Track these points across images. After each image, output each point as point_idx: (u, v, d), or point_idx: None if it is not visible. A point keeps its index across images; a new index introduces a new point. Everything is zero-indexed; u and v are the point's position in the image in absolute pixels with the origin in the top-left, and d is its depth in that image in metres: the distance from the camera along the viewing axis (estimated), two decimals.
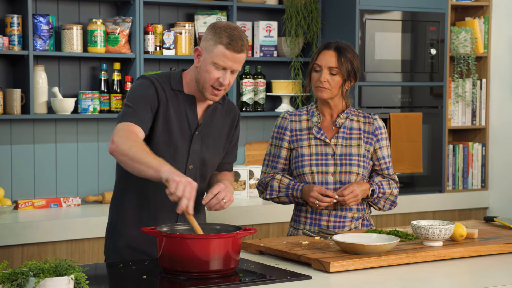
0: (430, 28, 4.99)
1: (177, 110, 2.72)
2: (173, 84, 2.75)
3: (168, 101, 2.72)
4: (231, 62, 2.65)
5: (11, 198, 4.29)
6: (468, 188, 5.26)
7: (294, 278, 2.43)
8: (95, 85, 4.49)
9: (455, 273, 2.61)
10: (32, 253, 3.85)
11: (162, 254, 2.44)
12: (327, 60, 3.08)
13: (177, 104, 2.73)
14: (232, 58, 2.65)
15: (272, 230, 4.48)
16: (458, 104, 5.23)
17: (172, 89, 2.74)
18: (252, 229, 2.50)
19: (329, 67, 3.07)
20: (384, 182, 3.17)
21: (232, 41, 2.63)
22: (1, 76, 4.27)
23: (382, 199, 3.19)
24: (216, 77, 2.66)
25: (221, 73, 2.66)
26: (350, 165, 3.11)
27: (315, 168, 3.11)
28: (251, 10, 4.91)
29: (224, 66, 2.65)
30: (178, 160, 2.73)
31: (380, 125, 3.21)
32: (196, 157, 2.76)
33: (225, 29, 2.65)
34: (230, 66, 2.66)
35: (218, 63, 2.64)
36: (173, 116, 2.71)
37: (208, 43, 2.66)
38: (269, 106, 5.02)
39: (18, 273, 2.10)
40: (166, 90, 2.72)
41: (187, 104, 2.74)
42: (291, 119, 3.18)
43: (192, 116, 2.75)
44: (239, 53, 2.65)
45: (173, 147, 2.72)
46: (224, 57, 2.64)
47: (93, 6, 4.48)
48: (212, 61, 2.65)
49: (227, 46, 2.63)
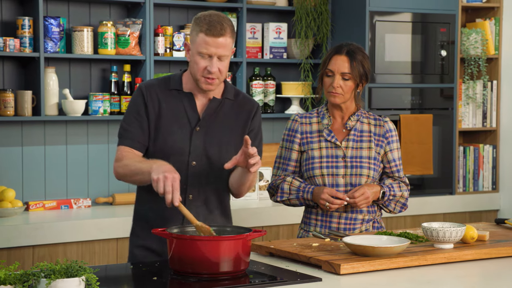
0: (441, 29, 4.98)
1: (173, 108, 2.74)
2: (172, 84, 2.79)
3: (161, 101, 2.74)
4: (213, 48, 2.64)
5: (22, 200, 4.31)
6: (479, 190, 5.24)
7: (304, 280, 2.43)
8: (105, 87, 4.50)
9: (466, 275, 2.60)
10: (43, 254, 3.86)
11: (172, 255, 2.44)
12: (340, 66, 3.07)
13: (175, 102, 2.75)
14: (214, 44, 2.63)
15: (282, 232, 4.47)
16: (468, 106, 5.22)
17: (170, 89, 2.77)
18: (262, 231, 2.50)
19: (341, 72, 3.07)
20: (395, 184, 3.17)
21: (211, 27, 2.63)
22: (13, 78, 4.28)
23: (393, 202, 3.18)
24: (204, 66, 2.66)
25: (207, 61, 2.66)
26: (361, 167, 3.11)
27: (325, 170, 3.10)
28: (261, 12, 4.91)
29: (208, 53, 2.65)
30: (179, 157, 2.73)
31: (390, 127, 3.20)
32: (199, 153, 2.74)
33: (204, 17, 2.66)
34: (214, 52, 2.64)
35: (202, 51, 2.65)
36: (169, 115, 2.74)
37: (192, 34, 2.69)
38: (278, 108, 5.02)
39: (29, 274, 2.11)
40: (160, 92, 2.76)
41: (185, 101, 2.76)
42: (301, 122, 3.18)
43: (192, 112, 2.75)
44: (219, 37, 2.64)
45: (171, 144, 2.72)
46: (206, 43, 2.64)
47: (103, 8, 4.49)
48: (197, 51, 2.66)
49: (207, 32, 2.63)
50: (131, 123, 2.75)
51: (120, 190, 4.54)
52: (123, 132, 2.76)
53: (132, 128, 2.74)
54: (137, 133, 2.74)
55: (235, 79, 4.77)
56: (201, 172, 2.76)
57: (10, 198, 4.09)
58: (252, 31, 4.81)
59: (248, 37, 4.79)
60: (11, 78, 4.28)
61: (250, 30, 4.80)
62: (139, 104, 2.76)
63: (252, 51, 4.80)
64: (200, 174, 2.75)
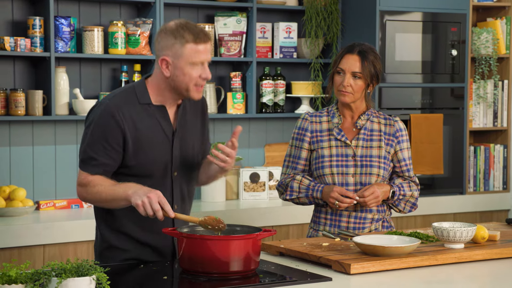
0: (451, 29, 4.96)
1: (149, 125, 2.68)
2: (140, 98, 2.68)
3: (136, 121, 2.65)
4: (204, 55, 2.63)
5: (33, 199, 4.32)
6: (490, 190, 5.23)
7: (314, 279, 2.43)
8: (115, 86, 4.51)
9: (477, 275, 2.59)
10: (54, 253, 3.88)
11: (182, 255, 2.45)
12: (351, 64, 3.07)
13: (148, 118, 2.68)
14: (204, 50, 2.63)
15: (292, 231, 4.47)
16: (479, 106, 5.20)
17: (140, 103, 2.68)
18: (272, 231, 2.50)
19: (352, 71, 3.07)
20: (405, 184, 3.16)
21: (197, 34, 2.61)
22: (23, 77, 4.30)
23: (403, 201, 3.17)
24: (198, 75, 2.64)
25: (200, 69, 2.64)
26: (371, 166, 3.10)
27: (335, 169, 3.10)
28: (271, 12, 4.91)
29: (200, 60, 2.63)
30: (162, 172, 2.71)
31: (401, 127, 3.20)
32: (179, 162, 2.74)
33: (182, 27, 2.61)
34: (205, 58, 2.64)
35: (195, 60, 2.62)
36: (146, 133, 2.67)
37: (174, 48, 2.61)
38: (288, 107, 5.02)
39: (40, 273, 2.12)
40: (133, 110, 2.66)
41: (159, 116, 2.70)
42: (311, 120, 3.18)
43: (167, 125, 2.71)
44: (207, 43, 2.64)
45: (153, 161, 2.68)
46: (197, 52, 2.61)
47: (114, 8, 4.50)
48: (188, 61, 2.61)
49: (196, 41, 2.61)
50: (99, 151, 2.62)
51: None
52: (88, 160, 2.64)
53: (99, 156, 2.62)
54: (104, 161, 2.63)
55: (245, 78, 4.77)
56: (181, 179, 2.77)
57: (21, 197, 4.11)
58: (262, 30, 4.81)
59: (258, 37, 4.78)
60: (22, 78, 4.29)
61: (260, 29, 4.80)
62: (112, 135, 2.62)
63: (262, 50, 4.80)
64: (181, 181, 2.77)
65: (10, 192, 4.12)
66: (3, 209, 4.02)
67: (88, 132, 2.66)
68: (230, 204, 4.54)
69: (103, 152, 2.63)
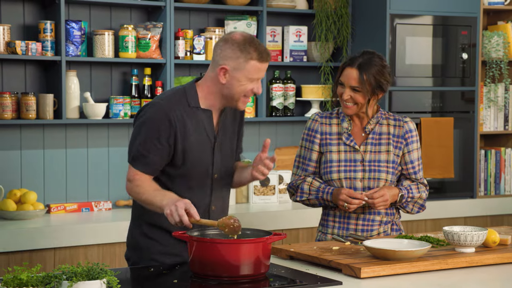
0: (462, 32, 4.95)
1: (196, 127, 2.78)
2: (190, 101, 2.78)
3: (186, 121, 2.75)
4: (263, 73, 2.77)
5: (44, 202, 4.33)
6: (501, 193, 5.21)
7: (325, 283, 2.42)
8: (126, 90, 4.52)
9: (488, 280, 2.58)
10: (64, 257, 3.89)
11: (192, 258, 2.45)
12: (349, 78, 3.07)
13: (195, 120, 2.78)
14: (264, 69, 2.77)
15: (302, 235, 4.47)
16: (490, 109, 5.18)
17: (190, 106, 2.77)
18: (282, 234, 2.51)
19: (350, 86, 3.07)
20: (413, 186, 3.16)
21: (262, 53, 2.73)
22: (34, 81, 4.32)
23: (411, 203, 3.17)
24: (251, 89, 2.75)
25: (255, 84, 2.76)
26: (379, 171, 3.10)
27: (343, 174, 3.10)
28: (281, 15, 4.91)
29: (259, 77, 2.76)
30: (204, 173, 2.81)
31: (411, 127, 3.18)
32: (219, 166, 2.84)
33: (249, 43, 2.71)
34: (262, 75, 2.78)
35: (254, 77, 2.74)
36: (193, 134, 2.77)
37: (238, 61, 2.70)
38: (298, 111, 5.02)
39: (51, 277, 2.13)
40: (184, 111, 2.75)
41: (205, 119, 2.80)
42: (321, 122, 3.18)
43: (210, 129, 2.81)
44: (268, 62, 2.77)
45: (197, 162, 2.78)
46: (258, 70, 2.74)
47: (124, 12, 4.51)
48: (247, 76, 2.72)
49: (260, 60, 2.72)
50: (150, 149, 2.72)
51: None
52: (140, 157, 2.73)
53: (151, 154, 2.72)
54: (155, 160, 2.73)
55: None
56: (221, 182, 2.86)
57: (31, 200, 4.12)
58: (272, 34, 4.81)
59: (268, 40, 4.79)
60: (33, 81, 4.31)
61: (270, 33, 4.80)
62: (164, 132, 2.71)
63: (272, 54, 4.80)
64: (221, 184, 2.86)
65: (21, 196, 4.14)
66: (14, 212, 4.04)
67: (141, 131, 2.74)
68: (240, 207, 4.54)
69: (154, 151, 2.72)
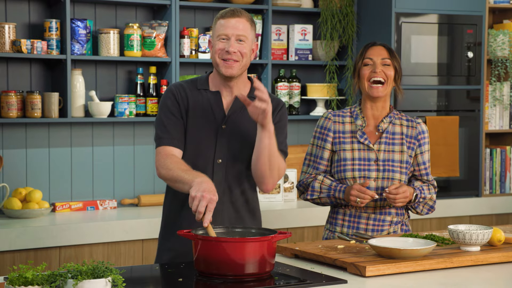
0: (467, 31, 4.94)
1: (202, 106, 2.79)
2: (199, 84, 2.84)
3: (189, 100, 2.79)
4: (230, 29, 2.72)
5: (49, 201, 4.34)
6: (506, 192, 5.20)
7: (330, 282, 2.42)
8: (131, 88, 4.52)
9: (493, 278, 2.58)
10: (69, 255, 3.89)
11: (197, 257, 2.45)
12: (379, 52, 3.09)
13: (202, 101, 2.80)
14: (230, 24, 2.73)
15: (307, 233, 4.47)
16: (495, 108, 5.17)
17: (198, 89, 2.82)
18: (287, 233, 2.50)
19: (382, 58, 3.08)
20: (425, 187, 3.15)
21: (226, 12, 2.76)
22: (40, 80, 4.32)
23: (422, 204, 3.17)
24: (222, 47, 2.73)
25: (226, 43, 2.73)
26: (393, 171, 3.08)
27: (357, 173, 3.08)
28: (286, 14, 4.91)
29: (225, 33, 2.73)
30: (205, 155, 2.77)
31: (423, 129, 3.18)
32: (225, 150, 2.77)
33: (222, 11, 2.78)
34: (230, 32, 2.72)
35: (220, 33, 2.74)
36: (196, 113, 2.78)
37: (212, 30, 2.79)
38: (304, 109, 5.01)
39: (56, 275, 2.13)
40: (189, 92, 2.81)
41: (212, 99, 2.80)
42: (334, 120, 3.16)
43: (218, 110, 2.79)
44: (234, 17, 2.73)
45: (198, 142, 2.77)
46: (221, 26, 2.74)
47: (129, 11, 4.52)
48: (216, 35, 2.75)
49: (223, 16, 2.75)
50: (168, 123, 2.78)
51: (146, 192, 4.57)
52: (161, 133, 2.78)
53: (169, 128, 2.77)
54: (175, 132, 2.77)
55: (261, 80, 4.77)
56: (226, 169, 2.77)
57: (37, 199, 4.13)
58: (278, 32, 4.81)
59: (274, 39, 4.79)
60: (38, 80, 4.32)
61: (276, 32, 4.80)
62: (172, 105, 2.80)
63: (277, 52, 4.80)
64: (225, 172, 2.77)
65: (26, 194, 4.15)
66: (19, 210, 4.05)
67: (158, 114, 2.83)
68: None
69: (169, 123, 2.77)
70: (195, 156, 2.76)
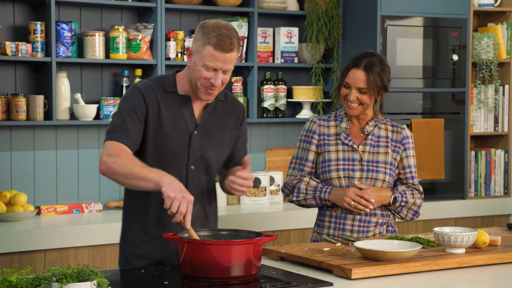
0: (452, 34, 4.96)
1: (171, 112, 2.70)
2: (166, 86, 2.73)
3: (160, 104, 2.69)
4: (220, 63, 2.61)
5: (34, 204, 4.32)
6: (491, 194, 5.22)
7: (315, 284, 2.42)
8: (117, 91, 4.51)
9: (478, 280, 2.59)
10: (55, 259, 3.88)
11: (183, 260, 2.45)
12: (357, 80, 3.07)
13: (171, 105, 2.70)
14: (222, 59, 2.61)
15: (293, 236, 4.47)
16: (480, 110, 5.20)
17: (166, 91, 2.72)
18: (273, 235, 2.50)
19: (358, 87, 3.08)
20: (408, 191, 3.16)
21: (220, 41, 2.58)
22: (25, 82, 4.30)
23: (405, 208, 3.17)
24: (207, 78, 2.63)
25: (212, 74, 2.63)
26: (377, 172, 3.11)
27: (342, 173, 3.11)
28: (272, 17, 4.92)
29: (214, 67, 2.62)
30: (178, 162, 2.71)
31: (407, 134, 3.21)
32: (198, 157, 2.74)
33: (213, 28, 2.60)
34: (220, 66, 2.62)
35: (208, 64, 2.61)
36: (167, 119, 2.69)
37: (197, 43, 2.63)
38: (290, 112, 5.02)
39: (41, 279, 2.12)
40: (158, 94, 2.70)
41: (182, 105, 2.72)
42: (319, 123, 3.19)
43: (189, 116, 2.72)
44: (228, 53, 2.60)
45: (170, 149, 2.70)
46: (213, 58, 2.60)
47: (115, 13, 4.51)
48: (202, 62, 2.61)
49: (216, 47, 2.59)
50: (129, 122, 2.64)
51: None
52: (117, 128, 2.64)
53: (129, 126, 2.64)
54: (133, 132, 2.65)
55: (246, 83, 4.78)
56: (199, 176, 2.76)
57: (22, 202, 4.11)
58: (264, 35, 4.81)
59: (259, 42, 4.79)
60: (23, 82, 4.30)
61: (261, 34, 4.80)
62: (138, 105, 2.67)
63: (263, 55, 4.81)
64: (198, 178, 2.76)
65: (11, 197, 4.13)
66: (4, 214, 4.02)
67: (119, 107, 2.71)
68: (231, 209, 4.53)
69: (130, 122, 2.64)
70: (168, 163, 2.68)
